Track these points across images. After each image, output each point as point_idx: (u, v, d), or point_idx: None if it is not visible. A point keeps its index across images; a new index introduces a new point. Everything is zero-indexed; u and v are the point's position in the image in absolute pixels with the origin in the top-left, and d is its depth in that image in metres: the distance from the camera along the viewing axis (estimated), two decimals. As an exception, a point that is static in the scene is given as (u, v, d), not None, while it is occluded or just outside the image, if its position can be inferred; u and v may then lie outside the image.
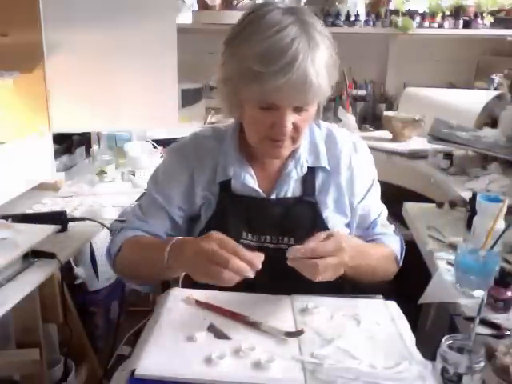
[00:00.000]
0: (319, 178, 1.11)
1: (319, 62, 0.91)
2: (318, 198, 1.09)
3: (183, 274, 1.05)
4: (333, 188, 1.11)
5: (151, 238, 1.09)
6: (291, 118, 0.96)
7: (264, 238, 1.07)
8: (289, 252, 0.89)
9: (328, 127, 1.15)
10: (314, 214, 1.08)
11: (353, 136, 1.17)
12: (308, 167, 1.09)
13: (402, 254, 1.18)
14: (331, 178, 1.11)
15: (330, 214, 1.10)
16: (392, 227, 1.21)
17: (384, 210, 1.20)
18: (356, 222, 1.15)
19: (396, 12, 2.85)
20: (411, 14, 2.84)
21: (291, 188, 1.09)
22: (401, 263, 1.18)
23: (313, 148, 1.11)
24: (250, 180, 1.08)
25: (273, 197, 1.08)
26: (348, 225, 1.14)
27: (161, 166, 1.18)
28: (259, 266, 0.85)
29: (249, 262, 0.85)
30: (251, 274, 0.85)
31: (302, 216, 1.07)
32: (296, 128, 0.98)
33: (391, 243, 1.17)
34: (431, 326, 1.32)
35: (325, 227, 1.07)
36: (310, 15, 0.95)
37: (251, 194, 1.08)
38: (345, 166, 1.11)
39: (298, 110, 0.96)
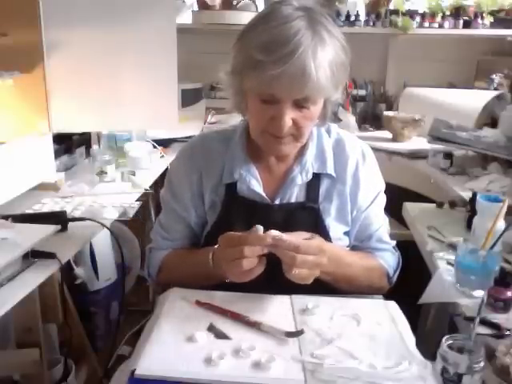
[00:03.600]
0: (324, 185, 1.10)
1: (321, 58, 0.90)
2: (322, 205, 1.09)
3: None
4: (337, 196, 1.10)
5: (189, 252, 1.13)
6: (291, 114, 0.95)
7: None
8: (273, 239, 0.90)
9: (338, 134, 1.14)
10: (316, 221, 1.07)
11: (362, 145, 1.15)
12: (313, 173, 1.09)
13: (396, 271, 1.16)
14: (336, 185, 1.10)
15: (331, 222, 1.09)
16: (392, 243, 1.18)
17: (384, 225, 1.17)
18: (354, 232, 1.14)
19: (396, 12, 2.85)
20: (411, 14, 2.84)
21: (295, 193, 1.09)
22: (394, 280, 1.15)
23: (319, 154, 1.10)
24: (255, 184, 1.07)
25: (276, 202, 1.08)
26: (348, 234, 1.13)
27: (171, 170, 1.18)
28: (269, 240, 0.89)
29: (258, 240, 0.89)
30: (266, 250, 0.90)
31: (305, 222, 1.07)
32: (297, 125, 0.97)
33: (384, 259, 1.14)
34: (431, 325, 1.32)
35: (326, 234, 1.06)
36: (323, 15, 0.95)
37: (255, 197, 1.08)
38: (350, 174, 1.10)
39: (298, 106, 0.95)
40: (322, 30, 0.92)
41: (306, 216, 1.07)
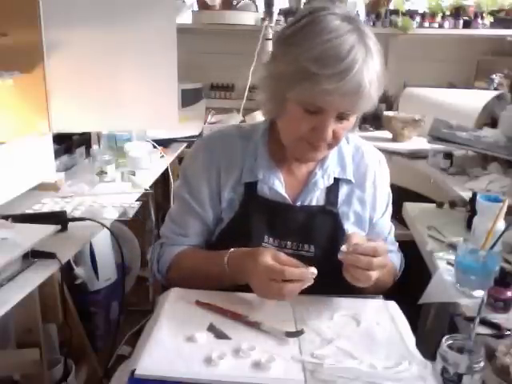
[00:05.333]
0: (343, 190, 1.11)
1: (373, 73, 0.92)
2: (341, 210, 1.10)
3: None
4: (356, 201, 1.11)
5: (203, 252, 1.12)
6: (332, 126, 0.96)
7: (285, 243, 1.07)
8: (347, 246, 0.91)
9: (356, 142, 1.16)
10: (335, 225, 1.09)
11: (378, 153, 1.18)
12: (333, 178, 1.10)
13: (400, 271, 1.19)
14: (355, 191, 1.12)
15: (350, 226, 1.10)
16: (396, 244, 1.22)
17: (393, 227, 1.21)
18: (373, 237, 1.15)
19: (396, 12, 2.85)
20: (411, 14, 2.84)
21: (316, 197, 1.10)
22: (396, 279, 1.18)
23: (340, 159, 1.12)
24: (278, 185, 1.08)
25: (298, 204, 1.09)
26: None
27: (187, 164, 1.16)
28: (314, 271, 0.89)
29: (301, 275, 0.88)
30: (310, 281, 0.89)
31: (324, 225, 1.08)
32: (335, 135, 0.98)
33: (394, 260, 1.18)
34: (431, 325, 1.32)
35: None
36: (366, 25, 0.97)
37: (277, 198, 1.08)
38: (370, 182, 1.13)
39: (340, 118, 0.96)
40: (370, 43, 0.93)
41: (326, 219, 1.08)
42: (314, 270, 0.89)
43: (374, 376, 0.75)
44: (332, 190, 1.10)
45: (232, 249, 1.00)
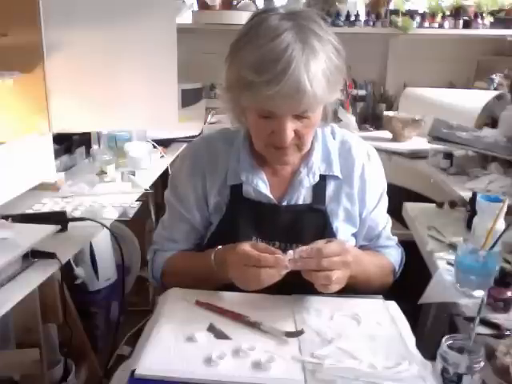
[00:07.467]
0: (330, 187, 1.10)
1: (315, 70, 0.88)
2: (329, 207, 1.09)
3: None
4: (344, 197, 1.10)
5: (192, 254, 1.13)
6: (292, 126, 0.94)
7: (273, 243, 1.06)
8: (294, 253, 0.90)
9: (343, 137, 1.13)
10: (324, 222, 1.08)
11: (367, 146, 1.15)
12: (320, 175, 1.09)
13: (400, 266, 1.19)
14: (343, 187, 1.10)
15: (339, 224, 1.09)
16: (395, 239, 1.21)
17: (389, 222, 1.19)
18: (363, 233, 1.15)
19: (396, 12, 2.85)
20: (411, 14, 2.84)
21: (302, 195, 1.09)
22: (398, 275, 1.18)
23: (325, 156, 1.10)
24: (262, 186, 1.07)
25: (284, 203, 1.08)
26: (355, 235, 1.14)
27: (175, 171, 1.18)
28: (287, 264, 0.89)
29: (277, 262, 0.89)
30: (285, 269, 0.89)
31: (312, 223, 1.07)
32: (299, 135, 0.97)
33: (392, 255, 1.17)
34: (431, 325, 1.32)
35: (333, 235, 1.06)
36: (311, 19, 0.92)
37: (262, 199, 1.08)
38: (358, 176, 1.10)
39: (298, 117, 0.95)
40: (312, 39, 0.89)
41: (314, 218, 1.07)
42: (289, 257, 0.89)
43: (374, 376, 0.75)
44: (319, 188, 1.09)
45: (219, 246, 1.01)
